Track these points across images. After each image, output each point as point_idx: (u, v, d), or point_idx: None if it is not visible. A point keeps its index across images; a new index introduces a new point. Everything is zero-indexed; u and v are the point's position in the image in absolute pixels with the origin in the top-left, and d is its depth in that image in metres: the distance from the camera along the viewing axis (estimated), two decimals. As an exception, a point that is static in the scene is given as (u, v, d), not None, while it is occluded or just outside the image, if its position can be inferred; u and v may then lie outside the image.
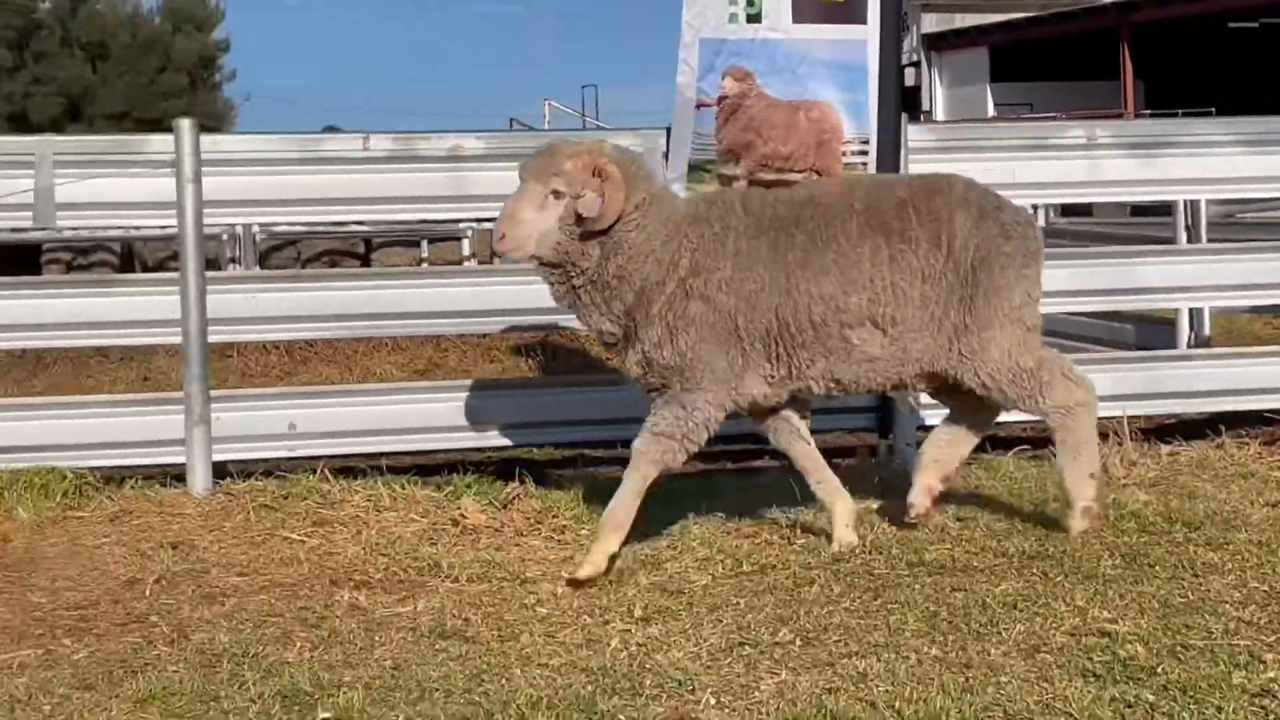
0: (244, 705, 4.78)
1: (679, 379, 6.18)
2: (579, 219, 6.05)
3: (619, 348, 6.35)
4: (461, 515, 6.91)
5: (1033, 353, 6.35)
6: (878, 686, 4.77)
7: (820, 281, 6.17)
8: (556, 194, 6.06)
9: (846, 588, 5.82)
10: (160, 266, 16.28)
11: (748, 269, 6.17)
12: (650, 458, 6.18)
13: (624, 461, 6.48)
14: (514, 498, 7.14)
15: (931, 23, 42.49)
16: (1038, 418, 6.57)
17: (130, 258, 18.09)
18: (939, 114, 40.55)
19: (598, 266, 6.14)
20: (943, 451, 6.58)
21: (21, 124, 29.46)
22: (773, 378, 6.27)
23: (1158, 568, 5.93)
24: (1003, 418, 8.16)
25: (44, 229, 11.16)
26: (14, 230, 14.35)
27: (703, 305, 6.13)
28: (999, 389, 6.33)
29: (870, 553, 6.23)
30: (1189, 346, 10.68)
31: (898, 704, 4.62)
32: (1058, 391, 6.35)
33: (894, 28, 7.55)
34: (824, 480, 6.54)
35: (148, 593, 6.01)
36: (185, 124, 7.38)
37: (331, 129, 9.15)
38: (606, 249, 6.13)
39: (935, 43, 42.17)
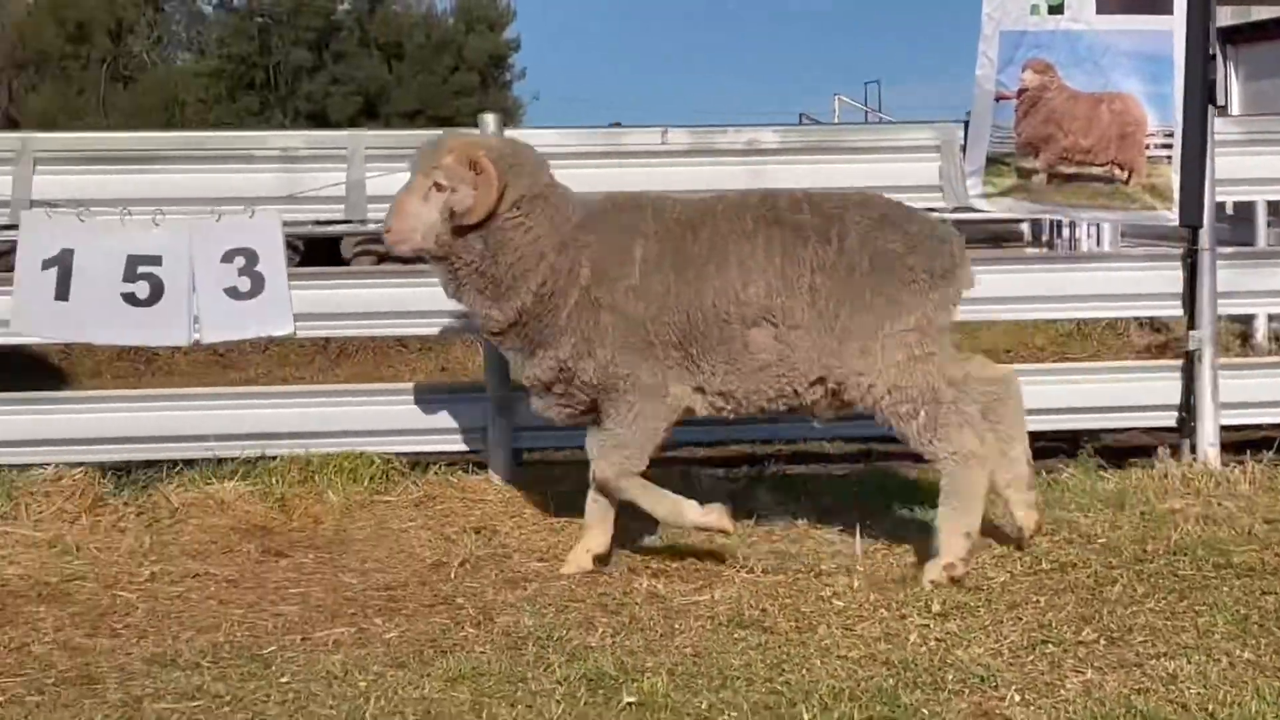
0: (550, 687, 4.87)
1: (606, 397, 6.12)
2: (452, 213, 6.02)
3: (508, 341, 6.25)
4: (754, 507, 6.95)
5: (922, 378, 5.98)
6: (1189, 689, 4.69)
7: (722, 273, 6.03)
8: (438, 187, 6.03)
9: (1150, 589, 5.71)
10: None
11: (655, 273, 6.05)
12: (615, 475, 6.13)
13: (911, 456, 6.43)
14: (804, 491, 7.16)
15: (1227, 15, 41.25)
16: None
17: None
18: (1235, 108, 39.12)
19: (482, 260, 6.07)
20: (1006, 471, 6.21)
21: (321, 122, 30.30)
22: (698, 388, 6.15)
23: None
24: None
25: (350, 221, 11.41)
26: (317, 223, 14.71)
27: (612, 316, 6.04)
28: (880, 410, 6.02)
29: (1175, 554, 6.10)
30: None
31: (1210, 707, 4.54)
32: (953, 434, 5.95)
33: (1201, 17, 7.34)
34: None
35: (453, 575, 6.17)
36: (490, 119, 7.53)
37: (616, 126, 9.23)
38: (490, 243, 6.06)
39: (1231, 36, 40.86)
